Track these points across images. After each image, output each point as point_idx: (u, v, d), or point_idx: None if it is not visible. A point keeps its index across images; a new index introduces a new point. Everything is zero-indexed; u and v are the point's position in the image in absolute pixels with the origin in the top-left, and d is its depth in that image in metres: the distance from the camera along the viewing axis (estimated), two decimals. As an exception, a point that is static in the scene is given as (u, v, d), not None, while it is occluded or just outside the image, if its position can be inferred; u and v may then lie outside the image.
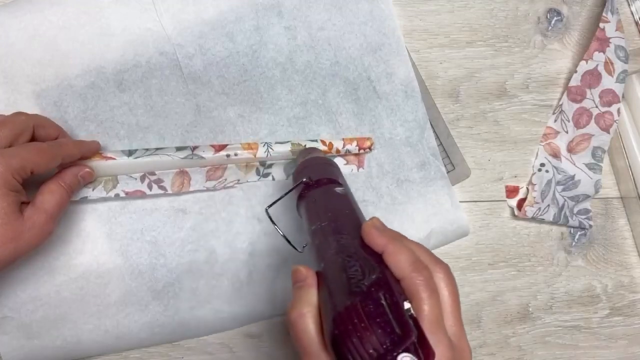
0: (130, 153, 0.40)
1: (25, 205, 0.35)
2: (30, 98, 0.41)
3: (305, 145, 0.43)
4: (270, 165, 0.44)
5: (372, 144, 0.44)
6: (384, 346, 0.21)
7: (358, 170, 0.45)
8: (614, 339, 0.48)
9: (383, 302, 0.23)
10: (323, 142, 0.43)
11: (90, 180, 0.40)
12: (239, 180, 0.43)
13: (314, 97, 0.44)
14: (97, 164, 0.39)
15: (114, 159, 0.40)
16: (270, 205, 0.35)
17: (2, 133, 0.34)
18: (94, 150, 0.40)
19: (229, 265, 0.43)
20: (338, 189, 0.34)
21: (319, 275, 0.27)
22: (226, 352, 0.44)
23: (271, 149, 0.42)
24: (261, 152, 0.42)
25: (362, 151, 0.44)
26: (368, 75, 0.45)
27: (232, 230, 0.43)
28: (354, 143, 0.43)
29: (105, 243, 0.42)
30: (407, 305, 0.23)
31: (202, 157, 0.41)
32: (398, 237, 0.27)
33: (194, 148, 0.41)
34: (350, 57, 0.45)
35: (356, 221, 0.30)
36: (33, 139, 0.37)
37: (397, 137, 0.45)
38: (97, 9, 0.42)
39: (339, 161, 0.45)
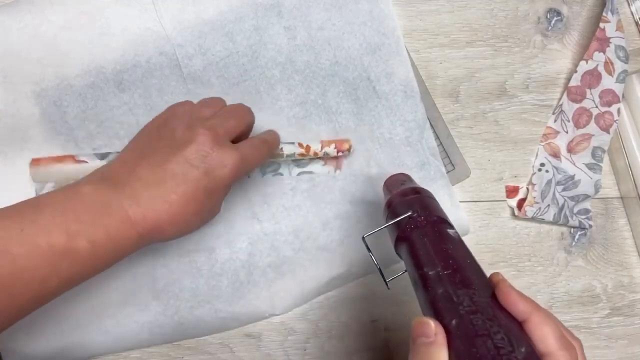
0: (103, 156, 0.40)
1: None
2: (30, 98, 0.41)
3: (281, 149, 0.41)
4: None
5: (350, 147, 0.43)
6: None
7: (335, 172, 0.44)
8: (614, 339, 0.48)
9: None
10: (300, 145, 0.42)
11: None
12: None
13: (314, 97, 0.44)
14: (70, 167, 0.40)
15: (87, 162, 0.40)
16: (368, 234, 0.32)
17: (236, 124, 0.35)
18: (278, 142, 0.41)
19: (228, 265, 0.43)
20: (451, 232, 0.30)
21: (447, 332, 0.23)
22: (226, 352, 0.44)
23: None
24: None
25: (340, 153, 0.44)
26: (368, 75, 0.45)
27: (231, 230, 0.43)
28: (332, 145, 0.43)
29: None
30: None
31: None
32: (539, 306, 0.24)
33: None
34: (350, 57, 0.45)
35: (482, 275, 0.27)
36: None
37: (397, 137, 0.45)
38: (97, 9, 0.42)
39: (317, 164, 0.44)
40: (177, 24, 0.43)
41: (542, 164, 0.47)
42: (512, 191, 0.48)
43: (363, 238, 0.32)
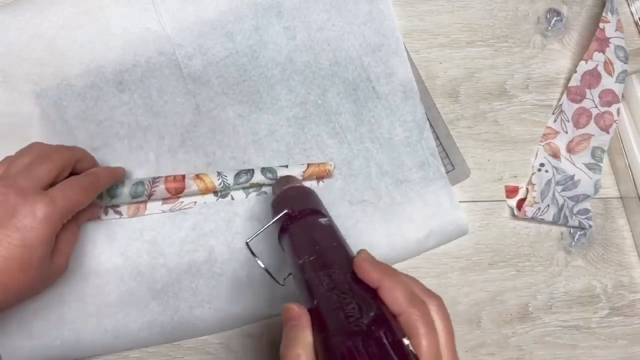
0: None
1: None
2: (30, 97, 0.41)
3: (262, 185, 0.42)
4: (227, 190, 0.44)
5: (329, 171, 0.43)
6: None
7: (318, 184, 0.44)
8: (614, 339, 0.48)
9: (384, 341, 0.22)
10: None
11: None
12: (195, 202, 0.43)
13: (314, 97, 0.44)
14: None
15: None
16: (250, 239, 0.34)
17: (47, 168, 0.33)
18: (121, 175, 0.40)
19: (228, 265, 0.43)
20: (322, 220, 0.33)
21: (311, 312, 0.26)
22: (226, 352, 0.44)
23: (226, 180, 0.42)
24: (218, 189, 0.42)
25: (321, 182, 0.44)
26: (367, 76, 0.45)
27: (231, 230, 0.43)
28: (313, 177, 0.43)
29: (104, 243, 0.42)
30: (406, 342, 0.23)
31: (158, 200, 0.42)
32: (392, 272, 0.26)
33: (150, 195, 0.41)
34: (350, 57, 0.45)
35: (345, 254, 0.29)
36: (71, 172, 0.37)
37: (397, 137, 0.45)
38: (96, 9, 0.42)
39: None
40: (176, 24, 0.43)
41: (542, 164, 0.47)
42: (511, 191, 0.48)
43: (247, 243, 0.34)
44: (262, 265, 0.34)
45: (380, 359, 0.21)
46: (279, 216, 0.34)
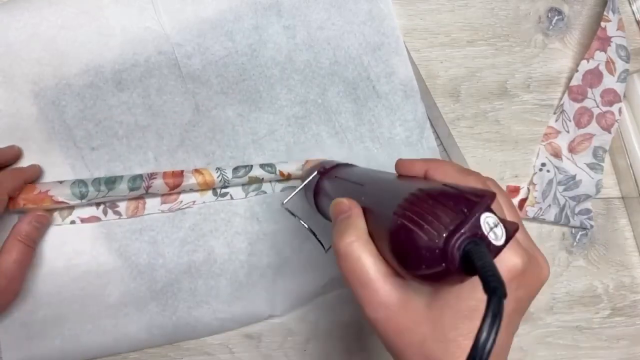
0: (82, 196, 0.40)
1: None
2: (29, 97, 0.41)
3: (262, 179, 0.42)
4: (226, 186, 0.43)
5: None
6: (463, 211, 0.18)
7: None
8: (616, 339, 0.48)
9: (446, 187, 0.20)
10: (282, 174, 0.42)
11: (47, 221, 0.40)
12: (194, 201, 0.43)
13: (313, 97, 0.44)
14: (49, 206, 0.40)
15: (68, 203, 0.40)
16: (286, 200, 0.33)
17: None
18: (36, 174, 0.40)
19: (228, 265, 0.43)
20: (354, 167, 0.34)
21: (363, 209, 0.24)
22: (225, 353, 0.44)
23: (225, 174, 0.42)
24: (217, 184, 0.42)
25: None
26: (367, 75, 0.45)
27: (231, 230, 0.43)
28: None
29: (104, 243, 0.42)
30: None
31: (156, 195, 0.42)
32: (434, 159, 0.25)
33: (148, 187, 0.40)
34: (350, 56, 0.44)
35: (387, 173, 0.28)
36: None
37: (397, 137, 0.45)
38: (96, 9, 0.42)
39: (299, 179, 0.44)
40: (176, 23, 0.42)
41: (543, 164, 0.47)
42: (513, 191, 0.47)
43: (282, 203, 0.34)
44: (306, 226, 0.33)
45: (446, 193, 0.19)
46: (312, 176, 0.34)
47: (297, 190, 0.34)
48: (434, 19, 0.47)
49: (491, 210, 0.19)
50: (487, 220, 0.18)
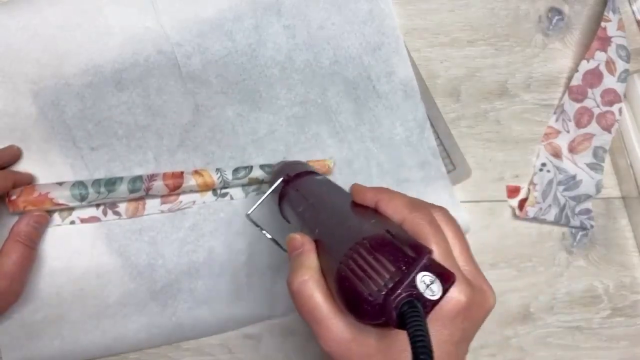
0: (82, 198, 0.39)
1: None
2: (29, 97, 0.41)
3: (262, 180, 0.42)
4: (226, 187, 0.43)
5: (331, 167, 0.43)
6: (402, 269, 0.19)
7: None
8: (616, 339, 0.48)
9: (389, 235, 0.21)
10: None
11: (46, 221, 0.40)
12: (194, 201, 0.43)
13: (313, 96, 0.44)
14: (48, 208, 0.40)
15: (68, 205, 0.40)
16: (251, 211, 0.34)
17: None
18: (28, 179, 0.40)
19: (227, 266, 0.43)
20: (318, 177, 0.34)
21: (315, 242, 0.25)
22: (225, 353, 0.43)
23: (225, 175, 0.42)
24: (217, 185, 0.42)
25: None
26: (368, 75, 0.45)
27: (231, 231, 0.43)
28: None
29: (104, 244, 0.42)
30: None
31: (156, 196, 0.41)
32: (387, 189, 0.26)
33: (148, 189, 0.40)
34: (350, 56, 0.44)
35: (344, 194, 0.29)
36: None
37: (397, 137, 0.45)
38: (95, 8, 0.42)
39: None
40: (175, 23, 0.42)
41: (544, 164, 0.47)
42: (513, 191, 0.47)
43: (247, 215, 0.34)
44: (269, 236, 0.34)
45: (387, 248, 0.20)
46: (276, 183, 0.34)
47: (261, 200, 0.34)
48: (434, 18, 0.47)
49: (428, 268, 0.20)
50: (423, 279, 0.19)
